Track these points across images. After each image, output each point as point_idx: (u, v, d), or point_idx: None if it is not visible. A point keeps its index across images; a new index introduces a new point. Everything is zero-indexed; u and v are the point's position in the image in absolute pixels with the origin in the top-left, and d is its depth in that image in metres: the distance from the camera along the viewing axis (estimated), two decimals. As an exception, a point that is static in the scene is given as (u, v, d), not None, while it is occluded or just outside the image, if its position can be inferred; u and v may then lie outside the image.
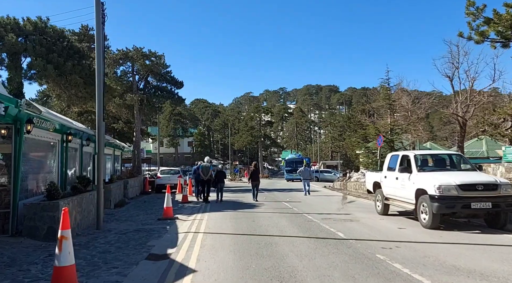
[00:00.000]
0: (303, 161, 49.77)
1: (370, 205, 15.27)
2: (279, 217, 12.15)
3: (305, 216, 12.21)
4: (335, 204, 16.19)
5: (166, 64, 30.99)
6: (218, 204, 16.89)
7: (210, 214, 13.19)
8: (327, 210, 13.77)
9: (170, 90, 32.33)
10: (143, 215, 13.41)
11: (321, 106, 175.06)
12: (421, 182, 9.36)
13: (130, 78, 31.53)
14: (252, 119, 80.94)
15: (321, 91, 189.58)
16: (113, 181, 16.82)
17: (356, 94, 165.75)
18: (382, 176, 11.65)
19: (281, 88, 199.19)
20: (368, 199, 18.12)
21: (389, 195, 11.28)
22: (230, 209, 14.84)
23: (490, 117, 23.66)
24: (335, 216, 12.06)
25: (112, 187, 15.56)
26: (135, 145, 32.03)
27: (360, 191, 22.19)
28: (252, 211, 13.93)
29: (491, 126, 24.53)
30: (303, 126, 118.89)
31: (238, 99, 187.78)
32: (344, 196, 19.69)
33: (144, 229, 10.20)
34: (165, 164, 74.04)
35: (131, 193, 21.67)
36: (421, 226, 9.31)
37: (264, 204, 16.27)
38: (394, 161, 11.25)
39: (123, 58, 29.97)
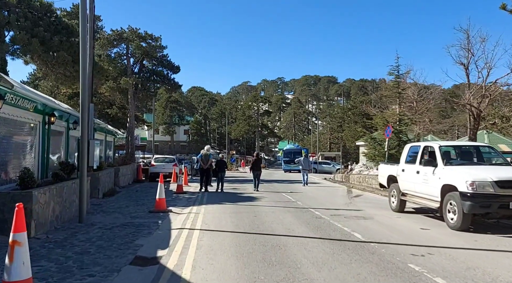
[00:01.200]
0: (302, 151, 48.64)
1: (379, 200, 14.19)
2: (283, 212, 11.02)
3: (312, 211, 11.08)
4: (341, 198, 15.09)
5: (163, 46, 29.53)
6: (216, 196, 15.78)
7: (207, 207, 12.04)
8: (334, 205, 12.66)
9: (166, 75, 30.92)
10: (133, 206, 12.24)
11: (319, 97, 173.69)
12: (449, 177, 8.23)
13: (124, 61, 30.07)
14: (249, 108, 79.63)
15: (320, 82, 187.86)
16: (103, 168, 15.59)
17: (355, 85, 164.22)
18: (399, 169, 10.51)
19: (279, 78, 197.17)
20: (375, 193, 17.05)
21: (407, 191, 10.16)
22: (229, 201, 13.71)
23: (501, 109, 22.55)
24: (345, 212, 10.94)
25: (101, 175, 14.34)
26: (129, 132, 30.74)
27: (364, 184, 21.12)
28: (253, 204, 12.79)
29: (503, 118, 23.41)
30: (301, 117, 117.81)
31: (236, 88, 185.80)
32: (349, 190, 18.61)
33: (133, 223, 9.02)
34: (161, 152, 72.82)
35: (122, 182, 20.48)
36: (448, 227, 8.20)
37: (265, 197, 15.14)
38: (414, 153, 10.11)
39: (117, 39, 28.48)
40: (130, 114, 30.24)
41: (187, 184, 21.14)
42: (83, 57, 9.20)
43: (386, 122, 18.71)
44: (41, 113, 11.00)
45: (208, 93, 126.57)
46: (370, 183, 20.40)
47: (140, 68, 30.81)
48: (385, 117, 18.96)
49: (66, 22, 18.06)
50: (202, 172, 17.58)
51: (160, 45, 30.07)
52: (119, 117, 38.54)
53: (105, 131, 22.51)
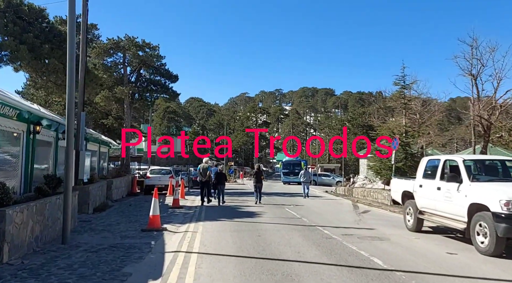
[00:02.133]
0: (301, 163, 47.80)
1: (390, 217, 13.27)
2: (289, 230, 10.07)
3: (320, 230, 10.15)
4: (348, 214, 14.15)
5: (160, 56, 28.79)
6: (214, 210, 14.82)
7: (206, 224, 11.09)
8: (343, 222, 11.73)
9: (164, 84, 30.11)
10: (125, 223, 11.26)
11: (317, 109, 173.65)
12: (477, 195, 7.35)
13: (121, 70, 29.29)
14: (248, 119, 79.00)
15: (317, 93, 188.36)
16: (94, 181, 14.63)
17: (352, 98, 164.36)
18: (416, 184, 9.62)
19: (277, 90, 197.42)
20: (383, 208, 16.14)
21: (425, 209, 9.26)
22: (229, 217, 12.75)
23: (508, 122, 21.81)
24: (357, 231, 10.01)
25: (91, 189, 13.37)
26: (124, 142, 29.79)
27: (370, 198, 20.20)
28: (255, 221, 11.84)
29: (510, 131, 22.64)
30: (299, 128, 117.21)
31: (234, 99, 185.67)
32: (355, 204, 17.68)
33: (123, 245, 8.06)
34: (157, 163, 71.62)
35: (116, 195, 19.49)
36: (477, 251, 7.29)
37: (266, 212, 14.18)
38: (433, 167, 9.24)
39: (113, 48, 27.71)
40: (126, 124, 29.31)
41: (183, 197, 20.15)
42: (70, 61, 8.33)
43: (392, 134, 17.88)
44: (25, 121, 10.09)
45: (206, 104, 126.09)
46: (376, 198, 19.50)
47: (137, 78, 30.03)
48: (391, 128, 18.15)
49: (59, 29, 17.27)
50: (202, 185, 17.02)
51: (158, 54, 29.33)
52: (115, 128, 37.62)
53: (98, 141, 21.59)
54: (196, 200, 19.39)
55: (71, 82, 8.38)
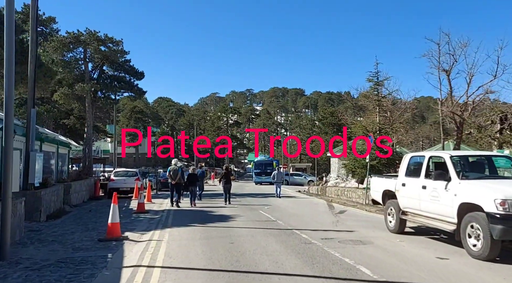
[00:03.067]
0: (273, 163, 47.22)
1: (369, 218, 12.71)
2: (264, 235, 9.24)
3: (298, 234, 9.38)
4: (325, 215, 13.48)
5: (124, 51, 27.32)
6: (183, 214, 13.82)
7: (173, 231, 10.07)
8: (320, 225, 11.02)
9: (129, 81, 28.65)
10: (80, 232, 10.06)
11: (288, 109, 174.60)
12: (468, 194, 6.79)
13: (82, 66, 27.57)
14: (219, 119, 77.73)
15: (288, 94, 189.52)
16: (48, 185, 13.23)
17: (322, 98, 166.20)
18: (398, 183, 9.02)
19: (248, 90, 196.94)
20: (359, 208, 15.62)
21: (409, 209, 8.67)
22: (199, 221, 11.78)
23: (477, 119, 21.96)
24: (336, 234, 9.31)
25: (44, 194, 12.01)
26: (86, 143, 28.12)
27: (344, 198, 19.74)
28: (228, 226, 10.94)
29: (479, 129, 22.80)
30: (270, 128, 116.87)
31: (204, 100, 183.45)
32: (330, 204, 17.10)
33: (73, 259, 6.94)
34: (125, 165, 69.23)
35: (75, 199, 18.03)
36: (469, 255, 6.71)
37: (239, 215, 13.30)
38: (416, 164, 8.67)
39: (73, 42, 26.02)
40: (87, 123, 27.66)
41: (150, 200, 18.96)
42: (8, 48, 7.10)
43: (366, 132, 17.45)
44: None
45: (176, 104, 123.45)
46: (350, 197, 19.05)
47: (100, 74, 28.42)
48: (365, 126, 17.74)
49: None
50: (171, 187, 16.46)
51: (122, 49, 27.87)
52: (77, 128, 35.65)
53: (56, 142, 19.98)
54: (164, 204, 18.28)
55: (9, 73, 7.16)
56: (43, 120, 30.87)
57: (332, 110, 58.52)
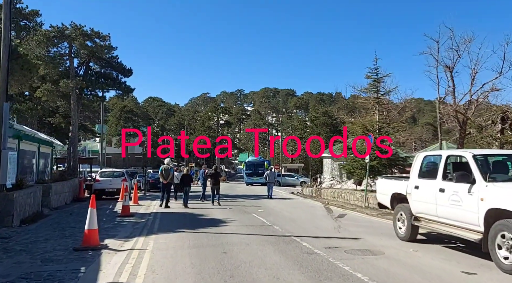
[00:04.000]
0: (264, 163, 46.34)
1: (372, 222, 11.84)
2: (260, 243, 8.29)
3: (298, 241, 8.46)
4: (324, 219, 12.58)
5: (112, 46, 26.10)
6: (171, 218, 12.84)
7: (159, 238, 9.06)
8: (321, 230, 10.11)
9: (116, 78, 27.44)
10: (55, 239, 8.99)
11: (279, 110, 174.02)
12: (498, 198, 5.93)
13: (67, 62, 26.28)
14: (209, 118, 76.64)
15: (279, 94, 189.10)
16: (24, 186, 12.09)
17: (313, 98, 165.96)
18: (410, 186, 8.14)
19: (239, 90, 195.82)
20: (359, 211, 14.78)
21: (423, 214, 7.80)
22: (188, 226, 10.80)
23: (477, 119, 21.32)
24: (341, 242, 8.41)
25: (17, 196, 10.88)
26: (71, 142, 26.81)
27: (341, 200, 18.89)
28: (220, 231, 9.96)
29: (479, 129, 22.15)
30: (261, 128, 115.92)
31: (195, 100, 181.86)
32: (327, 207, 16.22)
33: (39, 274, 5.91)
34: (114, 165, 67.76)
35: (56, 202, 16.87)
36: (500, 269, 5.84)
37: (232, 219, 12.34)
38: (432, 164, 7.81)
39: (58, 37, 24.72)
40: (72, 121, 26.36)
41: (137, 202, 17.93)
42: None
43: (366, 131, 16.64)
44: None
45: (166, 104, 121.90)
46: (348, 199, 18.21)
47: (86, 71, 27.15)
48: (364, 124, 16.92)
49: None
50: (163, 187, 16.33)
51: (109, 45, 26.58)
52: (63, 127, 34.29)
53: (37, 140, 18.78)
54: (152, 206, 17.25)
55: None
56: (25, 119, 29.55)
57: (325, 109, 57.80)
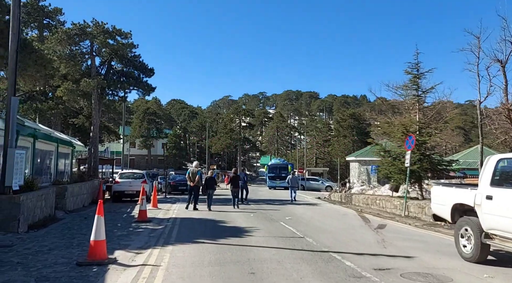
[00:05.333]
0: (288, 167, 44.93)
1: (420, 236, 10.29)
2: (294, 261, 6.99)
3: (338, 259, 7.11)
4: (362, 231, 11.13)
5: (134, 44, 25.38)
6: (191, 224, 11.74)
7: (176, 250, 7.89)
8: (363, 245, 8.71)
9: (138, 77, 26.73)
10: (60, 249, 7.95)
11: (301, 112, 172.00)
12: None
13: (89, 62, 25.76)
14: (231, 121, 75.79)
15: (301, 97, 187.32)
16: (34, 188, 11.19)
17: (337, 101, 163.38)
18: (480, 196, 6.66)
19: (261, 93, 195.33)
20: (397, 221, 13.27)
21: (498, 231, 6.31)
22: (209, 235, 9.62)
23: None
24: (392, 261, 7.01)
25: (26, 199, 9.96)
26: (92, 142, 26.23)
27: (375, 207, 17.33)
28: (245, 244, 8.70)
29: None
30: (284, 131, 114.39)
31: (217, 102, 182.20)
32: (362, 216, 14.72)
33: (27, 300, 4.81)
34: (137, 166, 67.86)
35: (73, 204, 16.07)
36: None
37: (257, 228, 11.08)
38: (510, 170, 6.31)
39: (79, 34, 24.19)
40: (94, 122, 25.78)
41: (156, 206, 16.92)
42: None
43: (405, 131, 15.08)
44: None
45: (189, 106, 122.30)
46: (383, 207, 16.64)
47: (108, 70, 26.55)
48: (404, 124, 15.34)
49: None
50: (190, 190, 16.51)
51: (131, 43, 25.93)
52: (86, 128, 33.98)
53: (55, 140, 18.07)
54: (171, 210, 16.24)
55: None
56: (48, 118, 29.22)
57: (352, 111, 55.83)
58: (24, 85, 19.46)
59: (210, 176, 17.30)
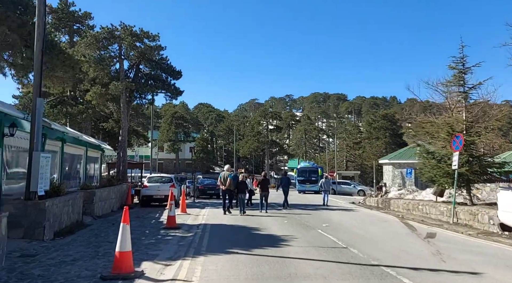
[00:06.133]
0: (318, 170, 43.77)
1: (480, 246, 9.15)
2: (343, 277, 6.10)
3: (392, 274, 6.19)
4: (412, 240, 10.07)
5: (161, 46, 25.15)
6: (222, 232, 11.04)
7: (208, 262, 7.17)
8: (417, 257, 7.70)
9: (166, 80, 26.49)
10: (85, 259, 7.40)
11: (329, 115, 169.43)
12: None
13: (117, 65, 25.73)
14: (259, 124, 75.19)
15: (329, 99, 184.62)
16: (61, 192, 10.80)
17: (366, 103, 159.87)
18: None
19: (288, 95, 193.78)
20: (447, 229, 12.04)
21: None
22: (242, 245, 8.85)
23: None
24: (458, 279, 6.01)
25: (51, 205, 9.52)
26: (120, 146, 26.14)
27: (417, 213, 16.09)
28: (283, 255, 7.85)
29: None
30: (312, 134, 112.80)
31: (243, 106, 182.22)
32: (407, 223, 13.57)
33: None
34: (165, 170, 68.36)
35: (101, 209, 15.73)
36: None
37: (295, 236, 10.22)
38: None
39: (107, 38, 24.18)
40: (122, 125, 25.67)
41: (185, 211, 16.35)
42: None
43: (451, 131, 13.84)
44: None
45: (215, 110, 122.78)
46: (427, 212, 15.40)
47: (136, 73, 26.45)
48: (449, 123, 14.08)
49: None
50: (223, 194, 16.51)
51: (159, 45, 25.72)
52: (116, 132, 34.16)
53: (84, 143, 17.92)
54: (200, 215, 15.64)
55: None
56: (78, 123, 29.46)
57: (385, 112, 53.95)
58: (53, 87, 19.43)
59: (242, 180, 16.99)
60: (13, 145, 10.25)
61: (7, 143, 9.71)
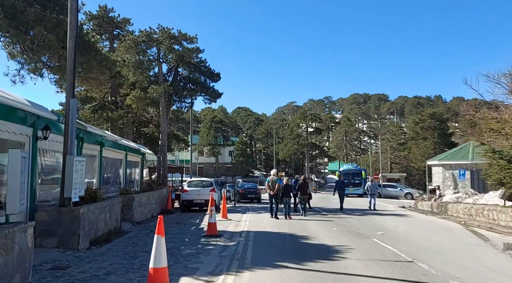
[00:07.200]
0: (361, 173, 41.91)
1: None
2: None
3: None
4: (488, 253, 8.62)
5: (199, 49, 24.70)
6: (267, 241, 10.06)
7: (253, 278, 6.25)
8: (506, 276, 6.36)
9: (204, 83, 26.04)
10: (119, 272, 6.70)
11: (370, 116, 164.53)
12: None
13: (156, 68, 25.60)
14: (298, 126, 73.87)
15: (369, 100, 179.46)
16: (97, 198, 10.31)
17: (409, 102, 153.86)
18: None
19: (326, 97, 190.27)
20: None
21: None
22: (290, 257, 7.84)
23: None
24: None
25: (86, 211, 8.99)
26: (160, 150, 25.92)
27: (482, 219, 14.35)
28: (338, 271, 6.77)
29: None
30: (353, 135, 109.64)
31: (281, 109, 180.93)
32: (474, 231, 11.98)
33: None
34: (205, 174, 68.67)
35: (141, 215, 15.28)
36: None
37: (348, 247, 9.07)
38: None
39: (146, 41, 24.06)
40: (162, 129, 25.45)
41: (226, 217, 15.57)
42: None
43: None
44: None
45: (254, 113, 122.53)
46: (495, 219, 13.64)
47: (175, 76, 26.20)
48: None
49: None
50: (270, 198, 16.26)
51: (197, 48, 25.30)
52: (156, 136, 34.30)
53: (123, 148, 17.63)
54: (242, 221, 14.81)
55: None
56: (120, 128, 29.72)
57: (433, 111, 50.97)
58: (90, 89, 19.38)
59: (286, 183, 16.35)
60: (48, 149, 9.86)
61: (41, 147, 9.30)
